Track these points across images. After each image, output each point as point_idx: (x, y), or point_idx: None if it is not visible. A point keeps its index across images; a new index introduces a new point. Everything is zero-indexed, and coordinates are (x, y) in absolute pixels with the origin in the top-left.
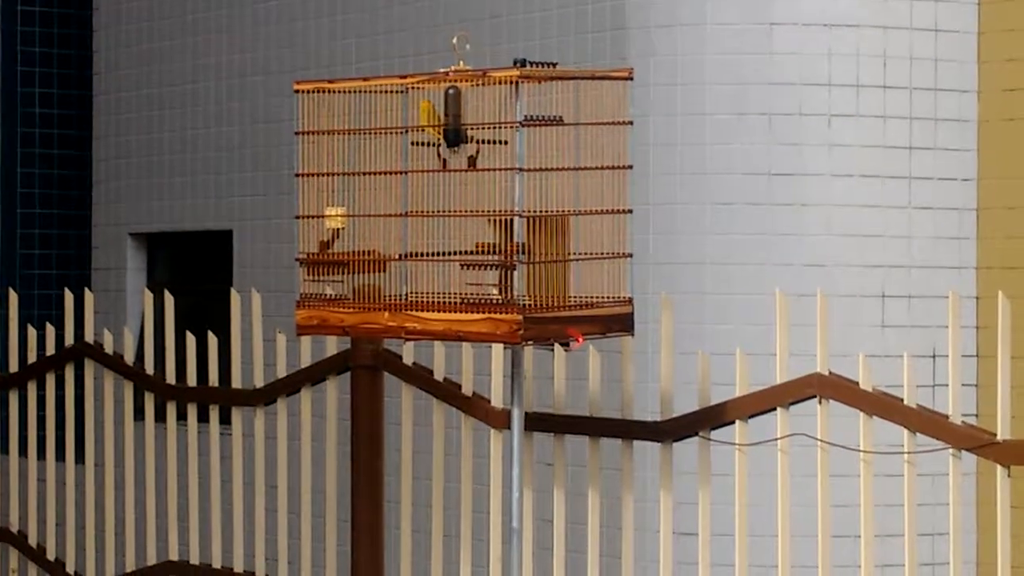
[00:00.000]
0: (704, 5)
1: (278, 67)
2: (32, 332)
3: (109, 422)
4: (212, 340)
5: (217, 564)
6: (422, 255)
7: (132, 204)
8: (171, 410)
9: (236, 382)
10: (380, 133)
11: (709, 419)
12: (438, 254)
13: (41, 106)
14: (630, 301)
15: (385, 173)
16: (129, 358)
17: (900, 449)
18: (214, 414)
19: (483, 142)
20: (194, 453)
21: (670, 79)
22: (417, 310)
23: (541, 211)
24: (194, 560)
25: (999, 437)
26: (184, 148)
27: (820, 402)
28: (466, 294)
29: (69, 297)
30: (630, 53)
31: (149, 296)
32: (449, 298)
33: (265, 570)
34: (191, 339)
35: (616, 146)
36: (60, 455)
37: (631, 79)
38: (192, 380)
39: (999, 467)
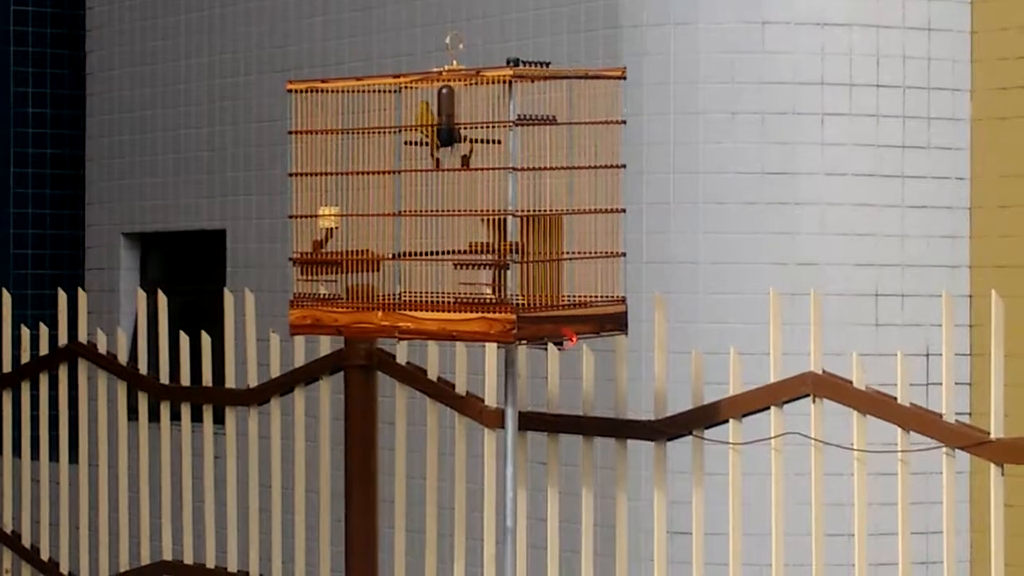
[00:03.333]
0: (697, 4)
1: (271, 67)
2: (25, 332)
3: (103, 422)
4: (206, 340)
5: (211, 564)
6: (415, 255)
7: (125, 204)
8: (165, 410)
9: (230, 382)
10: (373, 133)
11: (703, 418)
12: (431, 253)
13: (34, 106)
14: (623, 300)
15: (378, 173)
16: (123, 358)
17: (894, 448)
18: (208, 414)
19: (476, 141)
20: (188, 453)
21: (663, 78)
22: (411, 310)
23: (534, 210)
24: (188, 560)
25: (992, 435)
26: (177, 148)
27: (814, 401)
28: (459, 294)
29: (62, 297)
30: (623, 52)
31: (142, 296)
32: (442, 298)
33: (259, 569)
34: (185, 339)
35: (609, 145)
36: (54, 455)
37: (624, 78)
38: (186, 380)
39: (992, 465)
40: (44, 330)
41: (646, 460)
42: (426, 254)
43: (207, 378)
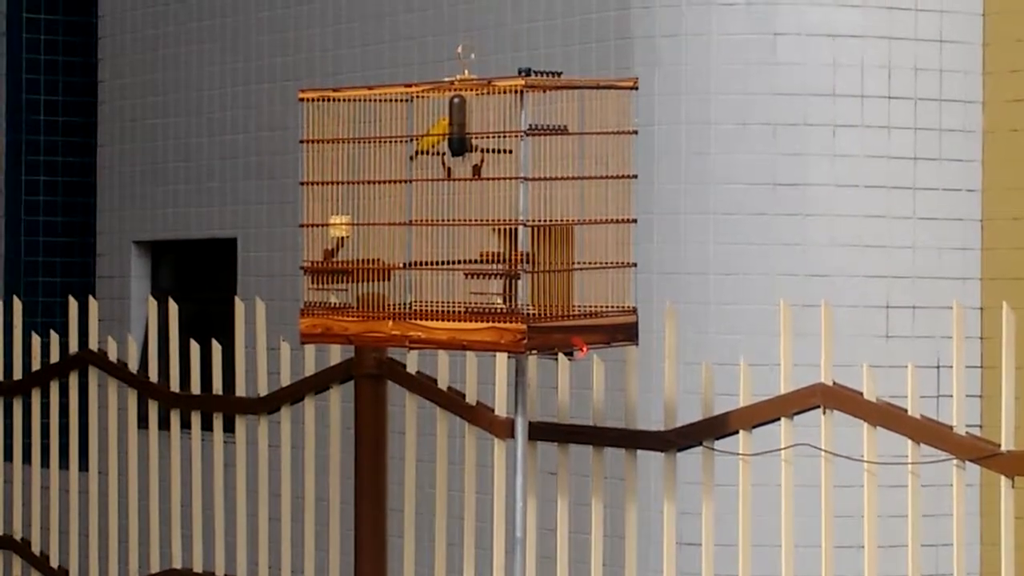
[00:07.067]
0: (709, 15)
1: (283, 75)
2: (36, 339)
3: (113, 430)
4: (216, 348)
5: (220, 572)
6: (426, 264)
7: (136, 212)
8: (175, 418)
9: (240, 390)
10: (385, 142)
11: (713, 429)
12: (442, 263)
13: (46, 114)
14: (634, 310)
15: (390, 182)
16: (133, 366)
17: (904, 460)
18: (218, 422)
19: (488, 151)
20: (197, 461)
21: (674, 89)
22: (421, 319)
23: (545, 220)
24: (197, 568)
25: (1003, 448)
26: (188, 156)
27: (824, 412)
28: (470, 303)
29: (73, 305)
30: (635, 63)
31: (153, 304)
32: (453, 307)
33: None
34: (195, 347)
35: (620, 155)
36: (64, 463)
37: (636, 89)
38: (196, 388)
39: (1003, 478)
40: (55, 338)
41: (656, 471)
42: (437, 263)
43: (217, 386)
